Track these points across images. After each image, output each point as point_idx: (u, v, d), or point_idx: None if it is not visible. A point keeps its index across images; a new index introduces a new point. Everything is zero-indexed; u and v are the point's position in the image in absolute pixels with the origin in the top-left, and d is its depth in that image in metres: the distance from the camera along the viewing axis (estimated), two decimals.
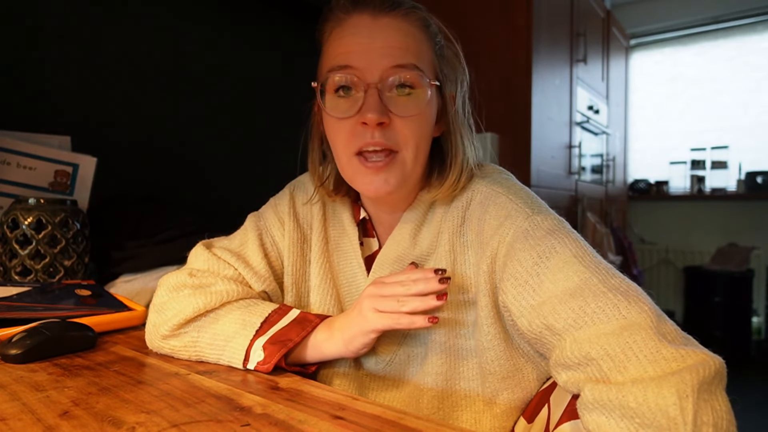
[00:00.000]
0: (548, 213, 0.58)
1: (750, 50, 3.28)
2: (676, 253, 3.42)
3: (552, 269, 0.52)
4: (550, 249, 0.53)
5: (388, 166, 0.59)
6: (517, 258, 0.55)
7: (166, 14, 1.41)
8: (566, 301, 0.49)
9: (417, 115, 0.59)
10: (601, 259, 0.53)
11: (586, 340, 0.46)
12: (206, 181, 1.52)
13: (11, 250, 0.92)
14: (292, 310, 0.63)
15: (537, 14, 2.03)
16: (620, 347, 0.44)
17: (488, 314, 0.60)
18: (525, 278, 0.54)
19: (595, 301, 0.48)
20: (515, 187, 0.62)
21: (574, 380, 0.47)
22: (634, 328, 0.44)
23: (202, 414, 0.45)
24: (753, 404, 2.30)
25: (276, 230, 0.72)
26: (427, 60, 0.61)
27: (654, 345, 0.43)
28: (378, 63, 0.58)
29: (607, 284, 0.49)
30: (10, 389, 0.51)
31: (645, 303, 0.47)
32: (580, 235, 0.57)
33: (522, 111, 2.02)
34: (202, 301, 0.62)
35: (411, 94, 0.59)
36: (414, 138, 0.59)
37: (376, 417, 0.45)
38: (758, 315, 3.07)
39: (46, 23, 1.17)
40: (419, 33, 0.61)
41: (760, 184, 3.09)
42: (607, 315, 0.46)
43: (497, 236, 0.58)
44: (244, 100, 1.62)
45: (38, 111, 1.16)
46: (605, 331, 0.45)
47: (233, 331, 0.61)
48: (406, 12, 0.60)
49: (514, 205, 0.59)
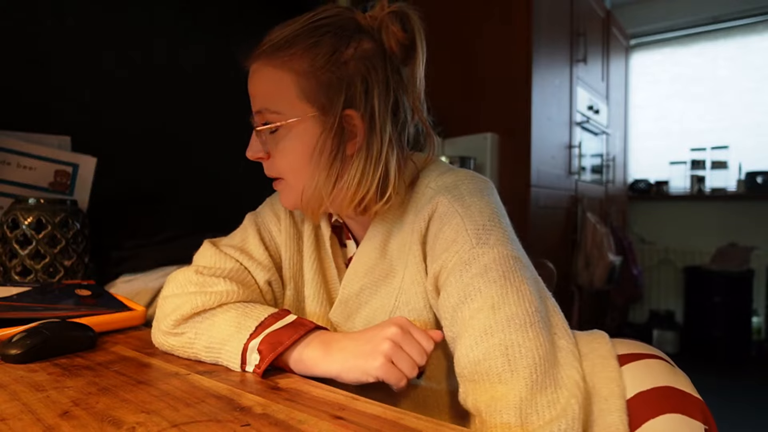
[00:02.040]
0: (494, 246, 0.58)
1: (750, 50, 3.28)
2: (676, 253, 3.42)
3: (469, 314, 0.55)
4: (476, 291, 0.56)
5: (279, 186, 0.68)
6: (448, 291, 0.58)
7: (167, 14, 1.41)
8: (470, 347, 0.54)
9: (282, 150, 0.64)
10: (522, 312, 0.54)
11: (471, 395, 0.54)
12: (207, 181, 1.52)
13: (11, 250, 0.92)
14: (289, 315, 0.63)
15: (537, 14, 2.03)
16: (487, 412, 0.51)
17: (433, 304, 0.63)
18: (449, 312, 0.58)
19: (486, 361, 0.52)
20: (475, 207, 0.61)
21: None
22: (502, 399, 0.50)
23: (202, 414, 0.45)
24: (753, 404, 2.30)
25: (273, 226, 0.75)
26: (290, 96, 0.62)
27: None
28: (253, 110, 0.67)
29: (504, 347, 0.52)
30: (10, 389, 0.51)
31: (527, 368, 0.51)
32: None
33: (522, 111, 2.02)
34: (200, 300, 0.63)
35: (275, 131, 0.64)
36: (289, 166, 0.65)
37: (376, 417, 0.45)
38: (758, 315, 3.07)
39: (47, 23, 1.17)
40: (278, 73, 0.63)
41: (760, 184, 3.09)
42: (491, 381, 0.52)
43: (441, 260, 0.60)
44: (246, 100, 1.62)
45: (38, 111, 1.16)
46: (485, 398, 0.52)
47: (228, 334, 0.61)
48: (268, 56, 0.64)
49: (463, 232, 0.59)
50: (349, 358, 0.56)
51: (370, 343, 0.57)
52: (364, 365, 0.55)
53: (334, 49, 0.61)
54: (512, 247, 0.59)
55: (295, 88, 0.62)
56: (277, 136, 0.64)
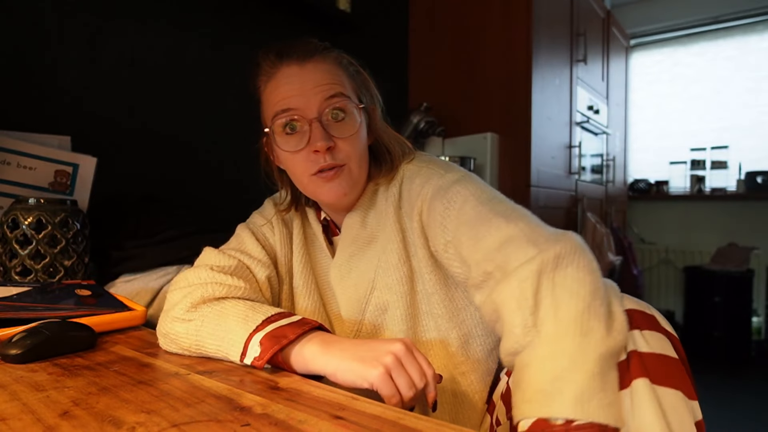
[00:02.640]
0: (458, 170, 0.72)
1: (750, 50, 3.28)
2: (676, 253, 3.42)
3: (457, 209, 0.65)
4: (455, 194, 0.66)
5: (337, 175, 0.71)
6: (434, 207, 0.68)
7: (167, 13, 1.41)
8: (465, 233, 0.62)
9: (354, 133, 0.72)
10: (500, 197, 0.66)
11: (482, 260, 0.59)
12: (207, 181, 1.52)
13: (11, 250, 0.92)
14: (294, 315, 0.65)
15: (537, 14, 2.03)
16: (502, 257, 0.56)
17: (426, 263, 0.72)
18: (440, 221, 0.66)
19: (483, 226, 0.60)
20: (434, 160, 0.76)
21: (485, 296, 0.57)
22: (510, 239, 0.56)
23: (202, 414, 0.45)
24: (753, 404, 2.30)
25: (266, 228, 0.82)
26: (349, 87, 0.74)
27: (523, 248, 0.54)
28: (313, 100, 0.70)
29: (494, 210, 0.62)
30: (10, 389, 0.51)
31: (521, 219, 0.59)
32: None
33: (522, 111, 2.02)
34: (211, 289, 0.68)
35: (344, 118, 0.71)
36: (355, 152, 0.72)
37: (376, 417, 0.45)
38: (758, 315, 3.07)
39: (47, 23, 1.17)
40: (337, 68, 0.74)
41: (760, 184, 3.09)
42: (492, 235, 0.59)
43: (420, 196, 0.71)
44: (246, 99, 1.62)
45: (38, 111, 1.16)
46: (492, 248, 0.58)
47: (234, 323, 0.63)
48: (323, 55, 0.73)
49: (431, 171, 0.73)
50: (348, 359, 0.57)
51: (372, 351, 0.57)
52: (362, 370, 0.55)
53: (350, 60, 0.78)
54: (475, 176, 0.72)
55: (350, 81, 0.75)
56: (347, 123, 0.72)
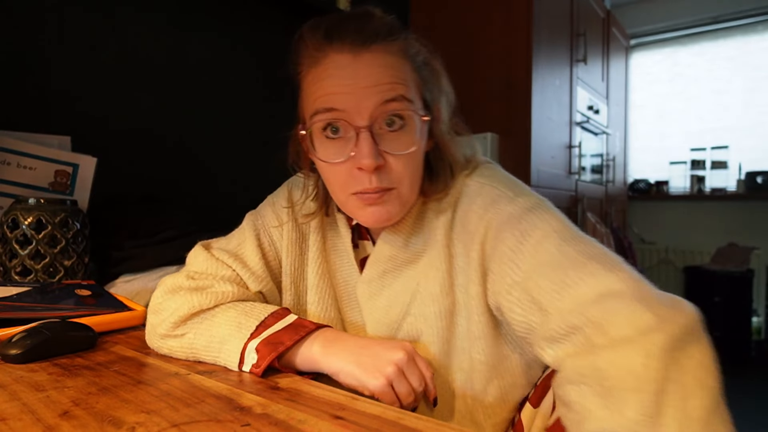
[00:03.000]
0: (530, 195, 0.60)
1: (750, 50, 3.28)
2: (676, 253, 3.42)
3: (533, 245, 0.54)
4: (532, 226, 0.55)
5: (384, 199, 0.59)
6: (502, 238, 0.56)
7: (167, 13, 1.41)
8: (547, 274, 0.50)
9: (407, 150, 0.58)
10: (582, 233, 0.55)
11: (568, 311, 0.47)
12: (207, 181, 1.52)
13: (11, 250, 0.92)
14: (290, 315, 0.62)
15: (537, 14, 2.03)
16: (601, 313, 0.44)
17: (479, 303, 0.61)
18: (509, 256, 0.55)
19: (575, 271, 0.49)
20: (499, 175, 0.64)
21: (561, 354, 0.47)
22: (613, 294, 0.45)
23: (202, 414, 0.45)
24: (752, 404, 2.30)
25: (274, 229, 0.72)
26: (413, 86, 0.59)
27: (632, 308, 0.43)
28: (366, 103, 0.55)
29: (586, 254, 0.50)
30: (10, 389, 0.51)
31: (623, 270, 0.48)
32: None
33: (522, 111, 2.02)
34: (197, 301, 0.63)
35: (403, 127, 0.57)
36: (409, 174, 0.59)
37: (376, 417, 0.45)
38: (758, 315, 3.07)
39: (47, 23, 1.17)
40: (401, 61, 0.58)
41: (760, 184, 3.09)
42: (587, 283, 0.47)
43: (483, 222, 0.59)
44: (246, 99, 1.62)
45: (38, 111, 1.16)
46: (586, 300, 0.46)
47: (228, 333, 0.60)
48: (386, 44, 0.57)
49: (497, 191, 0.61)
50: (351, 363, 0.56)
51: (375, 359, 0.56)
52: (364, 378, 0.55)
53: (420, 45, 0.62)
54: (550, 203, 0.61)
55: (415, 77, 0.60)
56: (405, 134, 0.58)
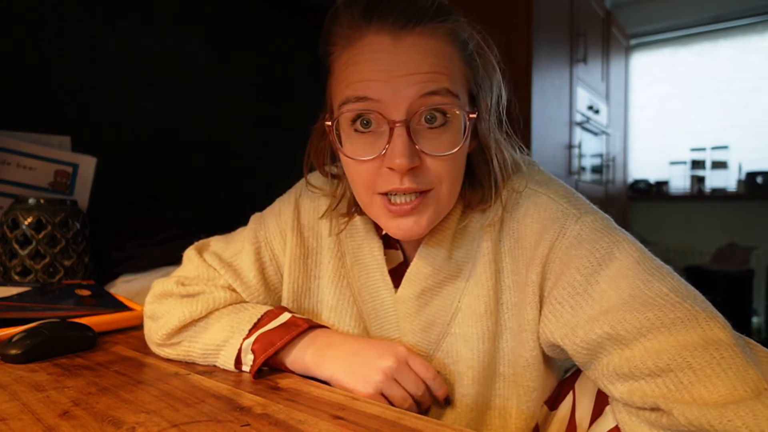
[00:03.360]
0: (596, 212, 0.54)
1: (750, 50, 3.28)
2: (676, 253, 3.42)
3: (613, 276, 0.48)
4: (609, 255, 0.49)
5: (418, 207, 0.52)
6: (574, 265, 0.50)
7: (167, 13, 1.41)
8: (637, 309, 0.45)
9: (448, 149, 0.51)
10: (660, 261, 0.50)
11: (664, 350, 0.42)
12: (207, 181, 1.52)
13: (11, 250, 0.92)
14: (284, 313, 0.61)
15: (537, 14, 2.03)
16: (706, 361, 0.40)
17: (534, 328, 0.55)
18: (584, 287, 0.49)
19: (673, 311, 0.44)
20: (554, 183, 0.57)
21: (641, 391, 0.43)
22: (719, 343, 0.41)
23: (202, 414, 0.45)
24: None
25: (277, 244, 0.66)
26: (460, 77, 0.52)
27: (742, 363, 0.40)
28: (404, 94, 0.48)
29: (679, 294, 0.45)
30: (10, 389, 0.51)
31: (720, 317, 0.44)
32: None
33: (522, 111, 2.01)
34: (188, 311, 0.61)
35: (444, 124, 0.50)
36: (449, 175, 0.52)
37: (376, 417, 0.45)
38: (758, 315, 3.07)
39: (47, 23, 1.17)
40: (449, 48, 0.51)
41: (760, 184, 3.09)
42: (686, 326, 0.43)
43: (545, 241, 0.53)
44: (246, 99, 1.62)
45: (38, 111, 1.16)
46: (686, 343, 0.42)
47: (223, 338, 0.60)
48: (432, 26, 0.50)
49: (558, 206, 0.53)
50: (341, 371, 0.55)
51: (363, 367, 0.54)
52: (354, 385, 0.54)
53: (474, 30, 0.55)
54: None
55: (463, 67, 0.53)
56: (446, 133, 0.51)
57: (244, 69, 1.61)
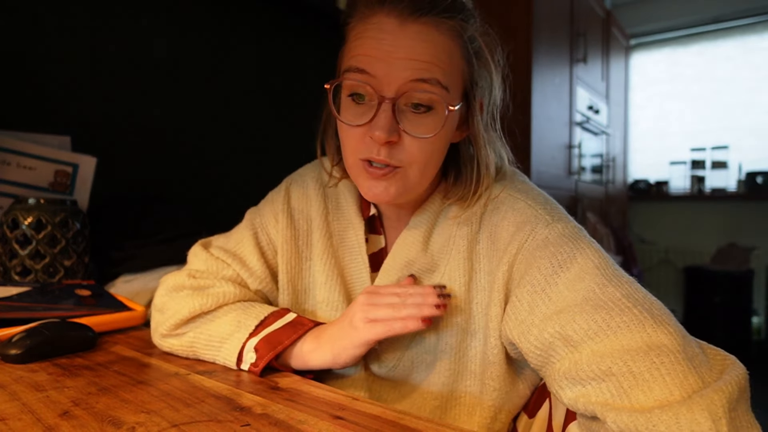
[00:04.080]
0: (568, 220, 0.57)
1: (750, 50, 3.28)
2: (676, 253, 3.42)
3: (572, 278, 0.50)
4: (570, 258, 0.51)
5: (388, 176, 0.56)
6: (536, 266, 0.53)
7: (167, 13, 1.41)
8: (588, 312, 0.46)
9: (427, 133, 0.55)
10: (623, 272, 0.51)
11: (607, 354, 0.43)
12: (207, 181, 1.52)
13: (11, 250, 0.92)
14: (289, 313, 0.63)
15: (537, 14, 2.03)
16: (646, 366, 0.41)
17: (496, 326, 0.57)
18: (542, 286, 0.51)
19: (620, 316, 0.45)
20: (533, 191, 0.60)
21: (585, 398, 0.44)
22: (661, 349, 0.42)
23: (202, 414, 0.45)
24: (753, 404, 2.30)
25: (271, 227, 0.70)
26: (457, 72, 0.56)
27: (682, 369, 0.41)
28: (397, 75, 0.53)
29: (632, 299, 0.46)
30: (10, 389, 0.51)
31: (671, 324, 0.44)
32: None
33: (522, 111, 2.02)
34: (198, 302, 0.63)
35: (428, 110, 0.55)
36: (422, 157, 0.56)
37: (376, 417, 0.45)
38: (758, 315, 3.07)
39: (47, 23, 1.17)
40: (451, 43, 0.55)
41: (760, 184, 3.09)
42: (631, 331, 0.44)
43: (515, 242, 0.56)
44: (246, 99, 1.62)
45: (38, 111, 1.16)
46: (630, 347, 0.43)
47: (228, 332, 0.61)
48: (438, 19, 0.54)
49: (533, 211, 0.57)
50: (336, 341, 0.58)
51: (346, 319, 0.58)
52: (349, 341, 0.57)
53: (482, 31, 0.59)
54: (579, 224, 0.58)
55: (462, 63, 0.57)
56: (428, 119, 0.55)
57: (245, 69, 1.61)
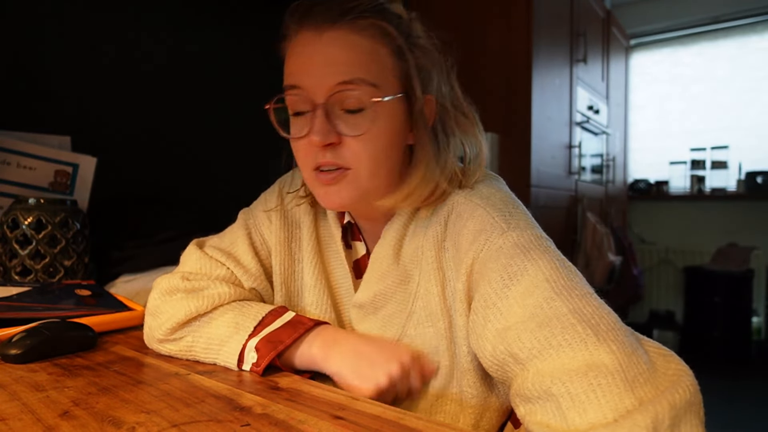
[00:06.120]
0: (525, 229, 0.55)
1: (750, 50, 3.28)
2: (676, 253, 3.42)
3: (522, 293, 0.49)
4: (522, 270, 0.50)
5: (338, 180, 0.58)
6: (488, 278, 0.52)
7: (167, 13, 1.41)
8: (532, 330, 0.46)
9: (367, 132, 0.56)
10: (578, 283, 0.50)
11: (548, 374, 0.43)
12: (207, 181, 1.52)
13: (11, 250, 0.92)
14: (288, 312, 0.63)
15: (537, 14, 2.03)
16: (582, 387, 0.41)
17: (465, 335, 0.57)
18: (494, 300, 0.51)
19: (562, 333, 0.45)
20: (495, 197, 0.59)
21: (531, 416, 0.44)
22: (600, 369, 0.41)
23: (202, 414, 0.45)
24: (753, 404, 2.30)
25: (265, 228, 0.71)
26: (384, 68, 0.57)
27: (618, 391, 0.40)
28: (322, 82, 0.55)
29: (578, 315, 0.46)
30: (10, 389, 0.51)
31: (615, 341, 0.43)
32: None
33: (522, 111, 2.02)
34: (194, 305, 0.62)
35: (360, 110, 0.56)
36: (367, 155, 0.57)
37: (376, 417, 0.45)
38: (758, 315, 3.07)
39: (47, 23, 1.17)
40: (370, 42, 0.56)
41: (760, 184, 3.09)
42: (573, 349, 0.43)
43: (471, 252, 0.55)
44: (245, 99, 1.62)
45: (38, 111, 1.16)
46: (569, 367, 0.43)
47: (227, 334, 0.61)
48: (352, 21, 0.56)
49: (490, 219, 0.56)
50: (348, 369, 0.57)
51: (370, 369, 0.57)
52: (359, 384, 0.56)
53: (417, 29, 0.61)
54: (540, 231, 0.57)
55: (391, 59, 0.58)
56: (361, 117, 0.56)
57: (245, 69, 1.61)
